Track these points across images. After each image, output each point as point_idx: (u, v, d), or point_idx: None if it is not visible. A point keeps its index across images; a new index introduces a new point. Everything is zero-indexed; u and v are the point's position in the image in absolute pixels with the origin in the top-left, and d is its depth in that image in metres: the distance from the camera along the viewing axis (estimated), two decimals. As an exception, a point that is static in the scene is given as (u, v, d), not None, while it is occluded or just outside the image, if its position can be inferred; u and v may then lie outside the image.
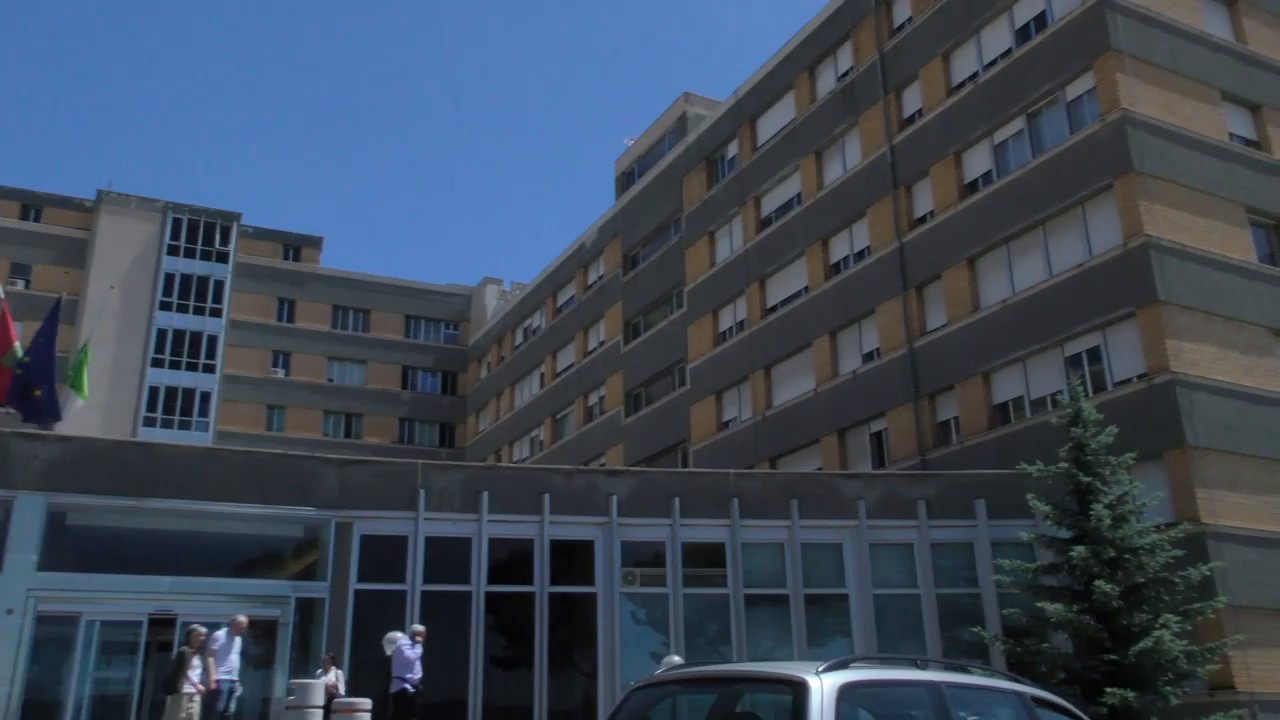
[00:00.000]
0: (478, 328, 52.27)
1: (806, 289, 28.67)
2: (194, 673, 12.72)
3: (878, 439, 25.82)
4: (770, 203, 31.06)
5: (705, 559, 19.67)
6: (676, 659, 15.72)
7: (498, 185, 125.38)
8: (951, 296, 24.08)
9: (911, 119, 26.25)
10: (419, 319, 52.63)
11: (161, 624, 16.68)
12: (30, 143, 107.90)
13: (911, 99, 26.40)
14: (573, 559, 19.14)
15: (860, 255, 27.20)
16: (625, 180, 41.09)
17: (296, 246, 52.23)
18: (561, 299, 43.46)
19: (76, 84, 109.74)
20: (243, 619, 14.42)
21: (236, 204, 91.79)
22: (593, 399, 39.16)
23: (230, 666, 13.86)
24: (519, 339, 47.01)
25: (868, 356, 26.39)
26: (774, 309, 29.89)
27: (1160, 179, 20.46)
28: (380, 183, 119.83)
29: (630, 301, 37.39)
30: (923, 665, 5.36)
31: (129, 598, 16.76)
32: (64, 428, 19.13)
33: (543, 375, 43.54)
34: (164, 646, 16.61)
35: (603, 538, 19.22)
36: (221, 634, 13.85)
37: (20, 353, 19.49)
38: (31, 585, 15.98)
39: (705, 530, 19.64)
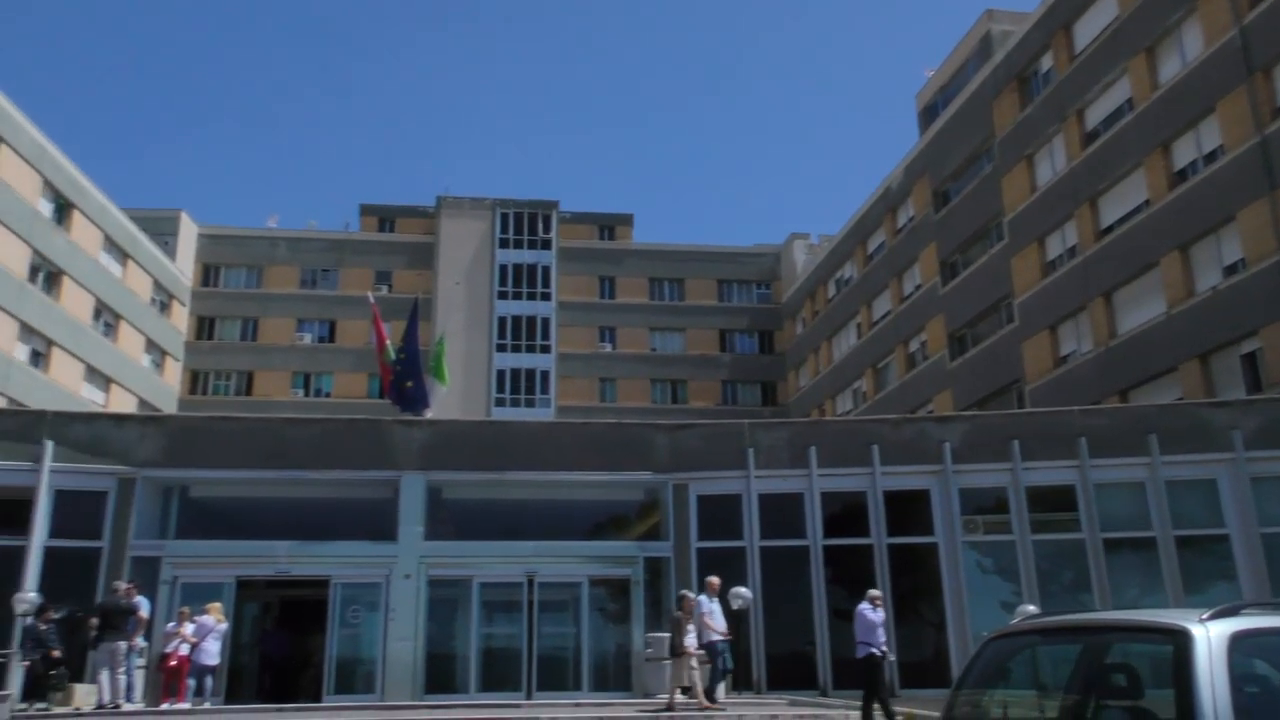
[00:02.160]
0: (789, 285, 52.25)
1: (1147, 203, 25.84)
2: (689, 635, 13.32)
3: (1250, 361, 22.83)
4: (1095, 114, 28.25)
5: (1053, 503, 18.51)
6: (1031, 608, 14.97)
7: (795, 140, 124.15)
8: (1333, 189, 20.68)
9: (1264, -9, 22.71)
10: (731, 282, 53.50)
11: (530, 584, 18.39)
12: (378, 162, 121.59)
13: (1262, -32, 22.83)
14: (908, 509, 18.74)
15: (1211, 157, 24.05)
16: (928, 114, 39.12)
17: (610, 226, 54.90)
18: (871, 246, 42.33)
19: (407, 102, 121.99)
20: (714, 580, 14.78)
21: (553, 193, 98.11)
22: (914, 345, 37.89)
23: (721, 627, 14.25)
24: (831, 291, 46.42)
25: (1230, 269, 23.36)
26: (1109, 229, 27.25)
27: None
28: (681, 154, 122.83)
29: (945, 240, 35.66)
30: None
31: (502, 561, 18.61)
32: (432, 414, 21.45)
33: (859, 326, 42.74)
34: (541, 605, 18.31)
35: (938, 486, 18.65)
36: (704, 597, 14.25)
37: (393, 351, 22.14)
38: (422, 553, 18.19)
39: (1050, 473, 18.49)
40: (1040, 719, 4.78)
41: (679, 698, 13.21)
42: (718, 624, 14.16)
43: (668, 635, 16.51)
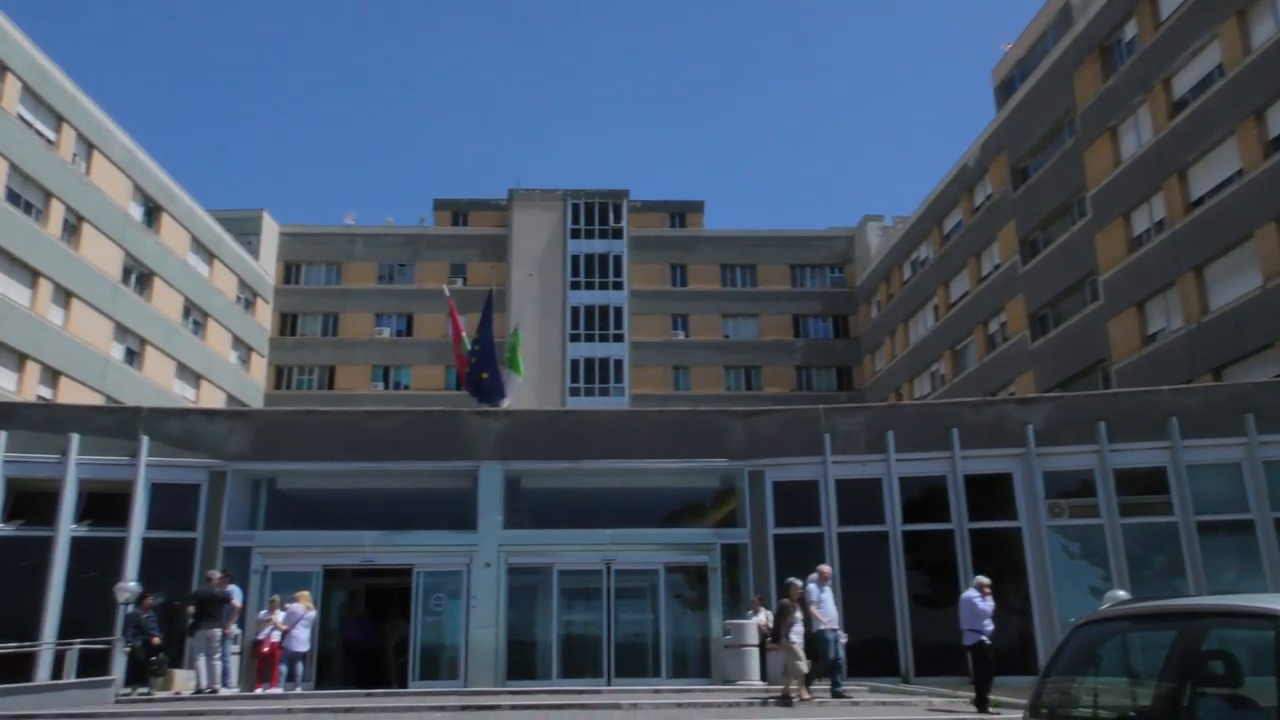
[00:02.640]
0: (863, 268, 51.53)
1: (1240, 173, 24.80)
2: (796, 625, 13.10)
3: (1354, 335, 21.81)
4: (1183, 82, 27.19)
5: (1142, 485, 17.97)
6: (1121, 593, 14.52)
7: (867, 121, 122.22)
8: None
9: (1364, -55, 21.57)
10: (804, 266, 52.97)
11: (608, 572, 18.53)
12: (451, 157, 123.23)
13: (1361, -80, 21.69)
14: (990, 493, 18.37)
15: (1308, 122, 22.97)
16: (1005, 89, 38.11)
17: (681, 213, 54.79)
18: (947, 226, 41.47)
19: (479, 96, 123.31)
20: (825, 568, 14.44)
21: (623, 182, 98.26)
22: (993, 326, 37.05)
23: (831, 615, 13.89)
24: (907, 274, 45.64)
25: (1330, 240, 22.31)
26: (1199, 201, 26.24)
27: None
28: (751, 139, 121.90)
29: (1024, 217, 34.75)
30: None
31: (580, 549, 18.77)
32: (508, 405, 21.70)
33: (936, 308, 41.96)
34: (618, 592, 18.45)
35: (1021, 469, 18.25)
36: (813, 585, 13.91)
37: (469, 343, 22.46)
38: (501, 541, 18.46)
39: (1139, 454, 17.95)
40: (1132, 707, 4.64)
41: (792, 686, 13.01)
42: (827, 613, 13.80)
43: (747, 621, 16.52)
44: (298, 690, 16.25)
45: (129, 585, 16.53)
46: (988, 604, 13.06)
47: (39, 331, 30.36)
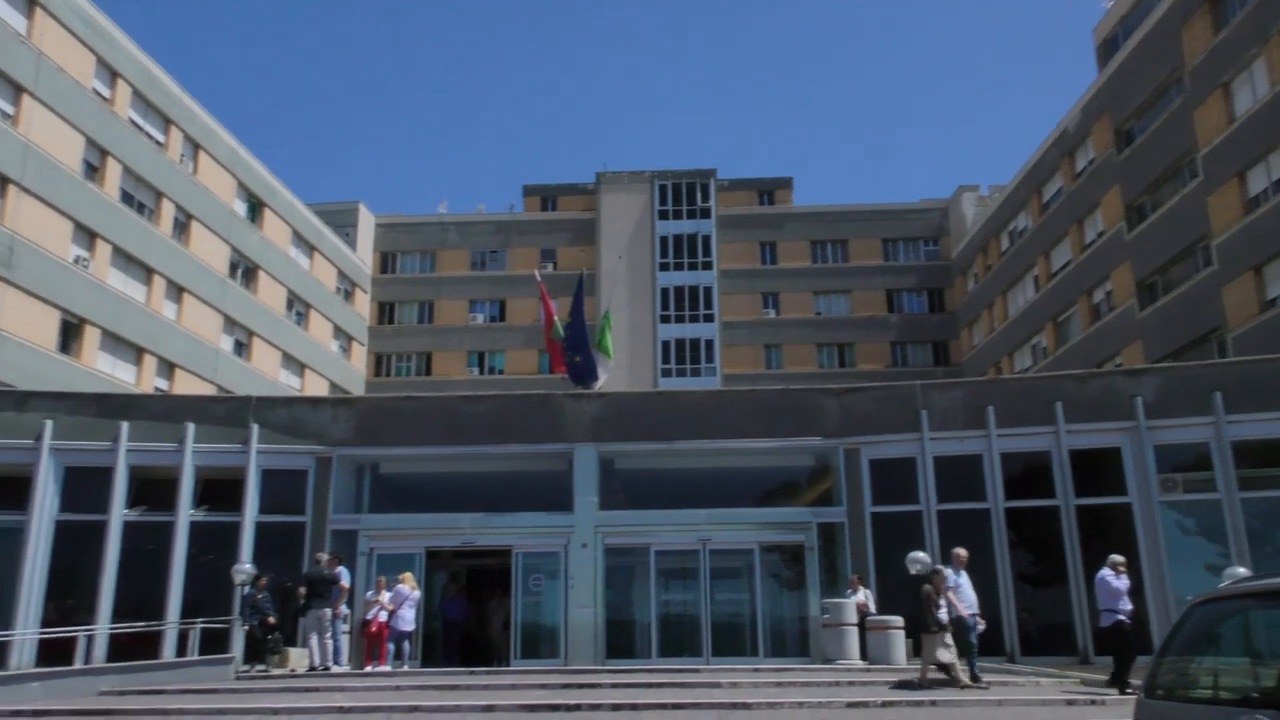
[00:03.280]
0: (958, 240, 50.24)
1: (1366, 124, 23.33)
2: (940, 611, 12.87)
3: None
4: (1301, 30, 25.65)
5: (1264, 458, 17.17)
6: (1241, 570, 13.94)
7: (959, 89, 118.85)
8: None
9: None
10: (897, 240, 51.91)
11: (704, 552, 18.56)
12: (539, 142, 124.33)
13: None
14: (1098, 468, 17.79)
15: None
16: (1107, 48, 36.56)
17: (769, 190, 54.22)
18: (1047, 194, 40.08)
19: (565, 82, 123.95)
20: (961, 552, 14.05)
21: (710, 161, 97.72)
22: (1098, 295, 35.72)
23: (970, 601, 13.59)
24: (1005, 244, 44.32)
25: None
26: (1322, 157, 24.78)
27: None
28: (839, 112, 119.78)
29: (1130, 182, 33.34)
30: None
31: (675, 529, 18.86)
32: (600, 387, 21.87)
33: (1036, 278, 40.65)
34: (714, 572, 18.48)
35: (1130, 443, 17.62)
36: (950, 571, 13.62)
37: (561, 328, 22.69)
38: (597, 522, 18.66)
39: (1260, 425, 17.15)
40: (1255, 688, 4.45)
41: (931, 674, 12.78)
42: (965, 598, 13.46)
43: (846, 600, 16.37)
44: (405, 668, 16.75)
45: (245, 567, 17.25)
46: (1123, 582, 12.63)
47: (155, 326, 31.80)
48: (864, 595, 16.96)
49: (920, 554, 15.00)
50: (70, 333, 28.41)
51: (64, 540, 18.27)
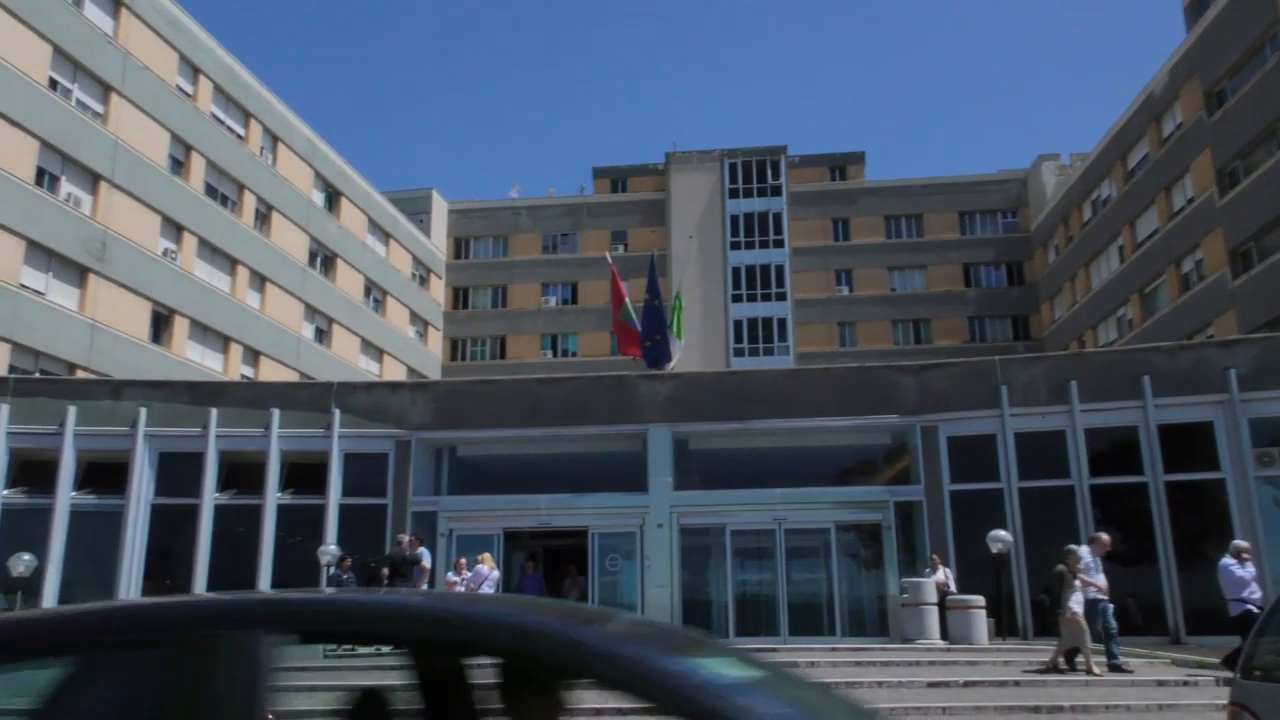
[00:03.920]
0: (1038, 211, 48.85)
1: None
2: (1075, 593, 12.50)
3: None
4: (1407, -21, 24.28)
5: (1368, 432, 16.39)
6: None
7: (1037, 54, 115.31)
8: None
9: None
10: (973, 213, 50.71)
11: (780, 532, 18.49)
12: (609, 124, 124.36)
13: None
14: (1188, 443, 17.22)
15: None
16: (1196, 8, 35.06)
17: (841, 166, 53.41)
18: (1132, 161, 38.69)
19: (633, 62, 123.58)
20: (1104, 537, 13.59)
21: (781, 138, 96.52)
22: (1187, 265, 34.44)
23: (1102, 584, 13.13)
24: (1087, 214, 42.96)
25: None
26: None
27: None
28: (912, 83, 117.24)
29: (1222, 145, 32.01)
30: None
31: (750, 509, 18.82)
32: (673, 367, 21.89)
33: (1121, 248, 39.35)
34: (790, 551, 18.42)
35: (1223, 417, 17.01)
36: (1085, 551, 13.26)
37: (632, 309, 22.73)
38: (672, 503, 18.72)
39: (1363, 398, 16.35)
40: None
41: (1062, 660, 12.51)
42: (1098, 581, 12.99)
43: (925, 580, 16.16)
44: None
45: (330, 548, 17.75)
46: (1247, 570, 12.01)
47: (240, 315, 32.77)
48: (944, 574, 16.72)
49: (1002, 533, 14.73)
50: (161, 323, 29.45)
51: (160, 523, 19.03)
